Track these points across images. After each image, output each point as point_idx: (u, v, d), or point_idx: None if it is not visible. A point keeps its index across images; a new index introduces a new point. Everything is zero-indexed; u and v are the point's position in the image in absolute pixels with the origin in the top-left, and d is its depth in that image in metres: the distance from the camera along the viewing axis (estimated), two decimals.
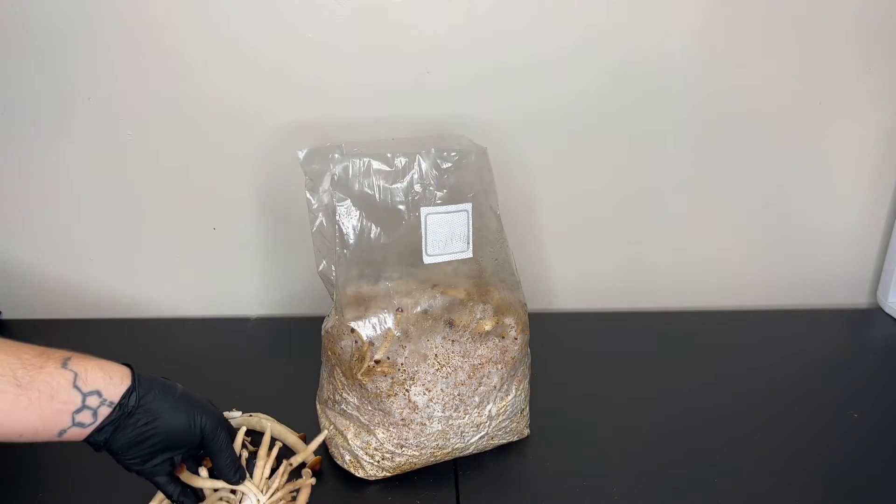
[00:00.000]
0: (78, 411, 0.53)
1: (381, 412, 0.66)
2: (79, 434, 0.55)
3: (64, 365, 0.53)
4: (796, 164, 0.99)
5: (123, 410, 0.55)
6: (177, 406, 0.58)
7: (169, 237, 0.97)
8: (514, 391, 0.71)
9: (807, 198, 1.01)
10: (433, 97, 0.91)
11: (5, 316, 0.99)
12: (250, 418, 0.75)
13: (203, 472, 0.63)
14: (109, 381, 0.55)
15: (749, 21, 0.90)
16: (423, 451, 0.68)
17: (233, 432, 0.63)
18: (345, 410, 0.68)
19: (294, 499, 0.65)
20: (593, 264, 1.03)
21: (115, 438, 0.56)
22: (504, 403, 0.70)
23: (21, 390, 0.51)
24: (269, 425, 0.74)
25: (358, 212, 0.65)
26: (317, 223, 0.67)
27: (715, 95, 0.93)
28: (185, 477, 0.62)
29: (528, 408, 0.74)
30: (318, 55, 0.87)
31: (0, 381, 0.50)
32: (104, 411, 0.55)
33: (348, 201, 0.64)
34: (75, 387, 0.53)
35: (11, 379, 0.51)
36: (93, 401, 0.54)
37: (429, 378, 0.66)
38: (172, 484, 0.61)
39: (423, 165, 0.66)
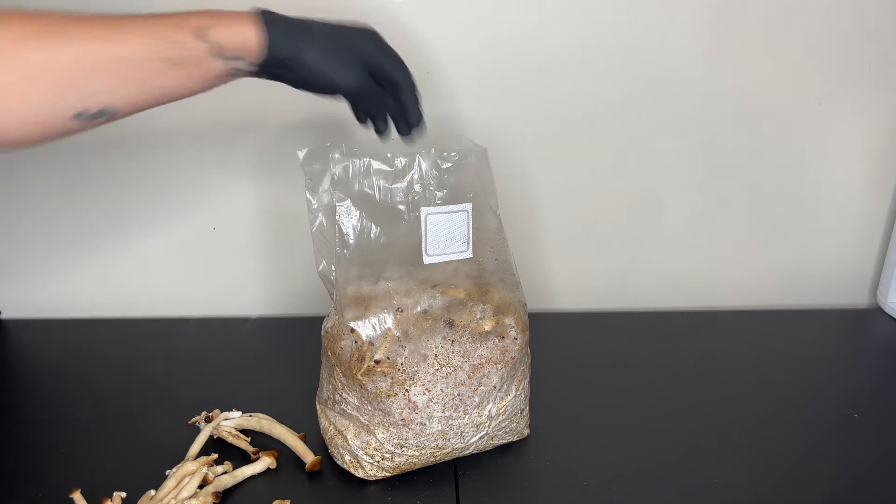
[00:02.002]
0: (229, 74, 0.58)
1: (380, 412, 0.66)
2: (240, 76, 0.59)
3: (202, 39, 0.55)
4: (796, 164, 0.99)
5: (262, 71, 0.58)
6: (313, 67, 0.59)
7: (169, 237, 0.97)
8: (514, 391, 0.71)
9: (807, 198, 1.01)
10: (433, 97, 0.91)
11: (5, 316, 0.99)
12: (250, 418, 0.75)
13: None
14: (245, 44, 0.57)
15: (749, 21, 0.90)
16: (422, 451, 0.68)
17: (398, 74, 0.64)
18: (345, 410, 0.68)
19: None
20: (593, 264, 1.03)
21: (272, 77, 0.60)
22: (504, 403, 0.70)
23: (177, 69, 0.55)
24: (266, 423, 0.74)
25: (358, 212, 0.65)
26: (317, 223, 0.67)
27: (715, 95, 0.93)
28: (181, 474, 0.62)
29: (528, 408, 0.74)
30: None
31: (156, 63, 0.54)
32: (251, 69, 0.58)
33: (348, 201, 0.64)
34: (219, 56, 0.56)
35: (165, 61, 0.54)
36: (240, 63, 0.57)
37: (429, 378, 0.66)
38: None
39: (423, 165, 0.66)
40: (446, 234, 0.66)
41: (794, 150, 0.98)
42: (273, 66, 0.58)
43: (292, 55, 0.58)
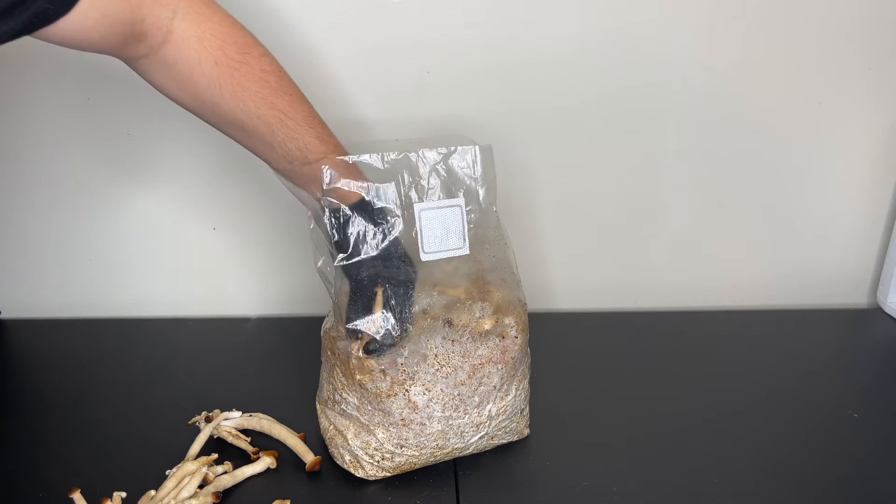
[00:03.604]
0: (318, 199, 0.65)
1: (380, 412, 0.66)
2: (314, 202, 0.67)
3: (328, 181, 0.63)
4: (796, 164, 0.99)
5: (335, 225, 0.65)
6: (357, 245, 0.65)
7: (169, 237, 0.97)
8: (513, 391, 0.71)
9: (806, 198, 1.01)
10: (433, 97, 0.91)
11: (5, 315, 0.99)
12: (250, 418, 0.75)
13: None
14: (339, 203, 0.64)
15: (749, 21, 0.90)
16: (422, 451, 0.68)
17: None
18: (345, 410, 0.68)
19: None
20: (593, 264, 1.03)
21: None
22: (504, 403, 0.70)
23: (291, 168, 0.65)
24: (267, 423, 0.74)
25: (351, 213, 0.65)
26: (313, 221, 0.67)
27: (715, 95, 0.93)
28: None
29: (527, 408, 0.74)
30: (318, 55, 0.87)
31: (280, 157, 0.65)
32: (322, 211, 0.65)
33: (340, 203, 0.64)
34: (325, 193, 0.64)
35: (287, 161, 0.65)
36: (316, 204, 0.65)
37: (429, 378, 0.66)
38: None
39: (415, 163, 0.66)
40: (441, 230, 0.66)
41: (794, 150, 0.98)
42: (345, 232, 0.65)
43: (352, 227, 0.64)
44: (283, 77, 0.65)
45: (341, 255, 0.64)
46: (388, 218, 0.65)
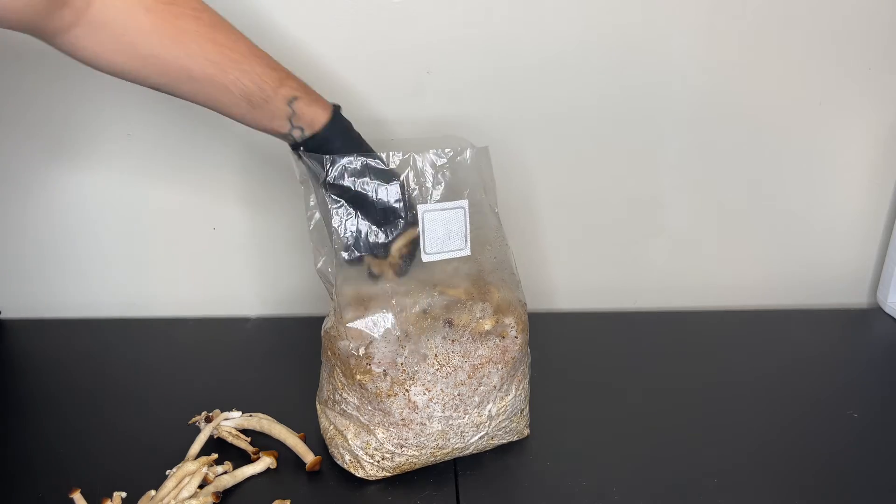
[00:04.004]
0: (285, 134, 0.65)
1: (381, 412, 0.66)
2: (282, 139, 0.67)
3: (289, 104, 0.63)
4: (796, 165, 0.99)
5: (311, 147, 0.65)
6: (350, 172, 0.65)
7: (169, 237, 0.97)
8: (514, 391, 0.71)
9: (807, 198, 1.01)
10: (433, 97, 0.91)
11: (5, 315, 0.99)
12: (250, 418, 0.75)
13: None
14: (313, 124, 0.65)
15: (749, 21, 0.90)
16: (423, 451, 0.68)
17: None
18: (345, 410, 0.68)
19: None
20: (593, 264, 1.03)
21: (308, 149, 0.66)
22: (504, 403, 0.70)
23: (251, 107, 0.63)
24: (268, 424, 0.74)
25: (354, 212, 0.65)
26: (313, 221, 0.67)
27: (715, 95, 0.93)
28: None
29: (527, 408, 0.74)
30: (318, 55, 0.87)
31: (237, 97, 0.62)
32: (300, 139, 0.65)
33: (343, 202, 0.64)
34: (289, 120, 0.64)
35: (247, 100, 0.63)
36: (297, 133, 0.65)
37: (429, 378, 0.66)
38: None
39: (419, 164, 0.66)
40: (443, 232, 0.66)
41: (794, 150, 0.98)
42: (314, 144, 0.65)
43: (332, 144, 0.66)
44: (214, 13, 0.63)
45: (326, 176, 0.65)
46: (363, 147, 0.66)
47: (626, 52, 0.90)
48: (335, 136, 0.66)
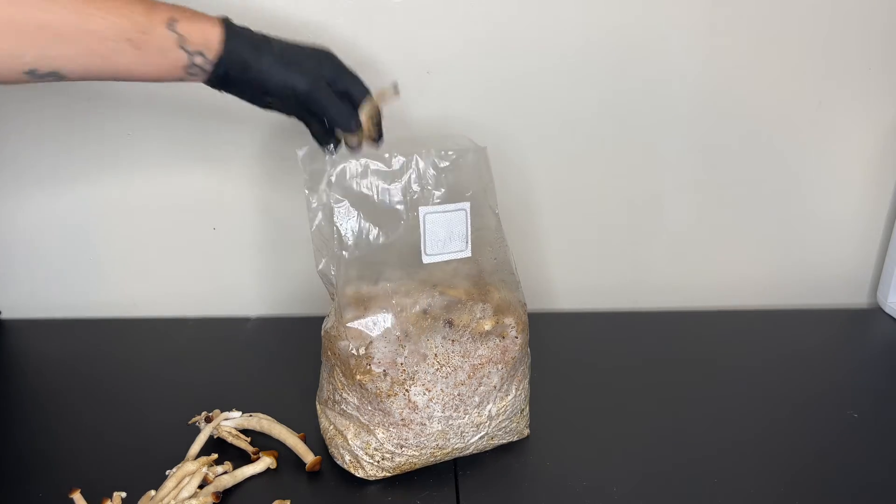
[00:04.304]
0: (188, 67, 0.60)
1: (380, 412, 0.66)
2: (197, 80, 0.62)
3: (170, 27, 0.59)
4: (796, 164, 0.99)
5: (219, 71, 0.61)
6: (266, 71, 0.62)
7: (169, 237, 0.97)
8: (514, 391, 0.71)
9: (807, 198, 1.01)
10: (433, 97, 0.91)
11: (5, 316, 0.99)
12: (250, 418, 0.75)
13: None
14: (207, 44, 0.60)
15: (749, 21, 0.90)
16: (422, 451, 0.68)
17: (340, 75, 0.65)
18: (345, 410, 0.68)
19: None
20: (593, 264, 1.03)
21: (228, 85, 0.63)
22: (504, 403, 0.70)
23: (137, 51, 0.58)
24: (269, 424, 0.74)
25: (356, 212, 0.65)
26: (316, 222, 0.67)
27: (715, 95, 0.93)
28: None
29: (528, 408, 0.74)
30: None
31: (117, 41, 0.57)
32: (208, 67, 0.61)
33: (346, 202, 0.65)
34: (182, 48, 0.59)
35: (127, 42, 0.57)
36: (199, 60, 0.60)
37: (429, 378, 0.66)
38: (319, 128, 0.66)
39: (421, 165, 0.66)
40: (445, 234, 0.66)
41: (794, 150, 0.98)
42: (230, 67, 0.61)
43: (249, 58, 0.62)
44: None
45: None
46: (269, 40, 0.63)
47: (626, 53, 0.90)
48: (244, 50, 0.62)
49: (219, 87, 0.64)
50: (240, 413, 0.76)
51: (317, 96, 0.64)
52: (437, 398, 0.67)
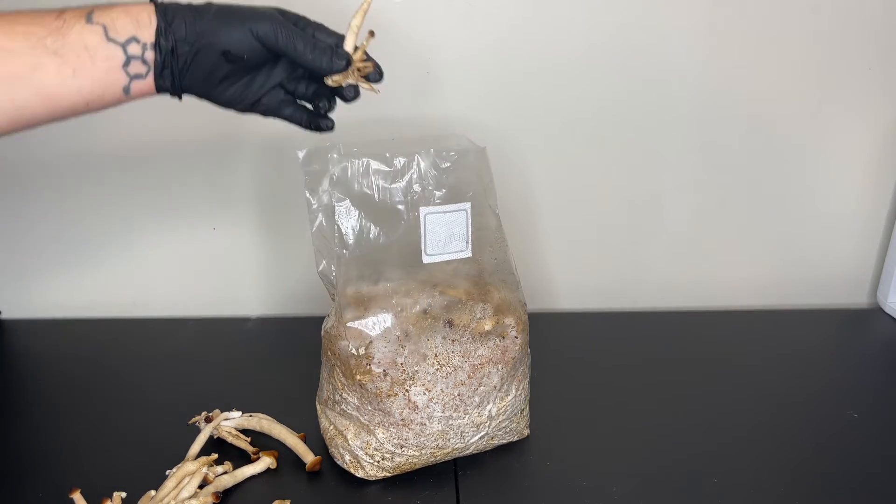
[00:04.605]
0: (127, 64, 0.51)
1: (381, 412, 0.66)
2: (145, 86, 0.53)
3: (88, 20, 0.50)
4: (796, 164, 0.99)
5: (165, 49, 0.52)
6: (215, 24, 0.53)
7: (169, 237, 0.97)
8: (514, 391, 0.71)
9: (807, 197, 1.01)
10: (433, 97, 0.91)
11: (5, 316, 0.99)
12: (250, 418, 0.75)
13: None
14: (139, 24, 0.51)
15: (750, 21, 0.90)
16: (423, 452, 0.68)
17: (300, 21, 0.58)
18: (345, 410, 0.68)
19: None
20: (593, 264, 1.03)
21: (185, 82, 0.55)
22: (504, 403, 0.70)
23: (59, 58, 0.49)
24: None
25: (357, 212, 0.65)
26: (316, 223, 0.67)
27: (715, 95, 0.93)
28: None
29: (528, 408, 0.74)
30: None
31: (33, 54, 0.48)
32: (150, 55, 0.52)
33: (347, 201, 0.64)
34: (110, 40, 0.50)
35: (43, 49, 0.48)
36: (134, 48, 0.51)
37: (429, 378, 0.66)
38: (295, 107, 0.61)
39: (422, 165, 0.66)
40: (445, 234, 0.66)
41: (794, 151, 0.98)
42: (176, 37, 0.52)
43: (192, 18, 0.53)
44: None
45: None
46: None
47: (626, 53, 0.90)
48: (184, 13, 0.53)
49: (172, 86, 0.54)
50: (240, 413, 0.76)
51: (287, 33, 0.55)
52: (437, 398, 0.67)
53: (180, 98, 0.56)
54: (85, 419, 0.78)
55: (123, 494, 0.66)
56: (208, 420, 0.74)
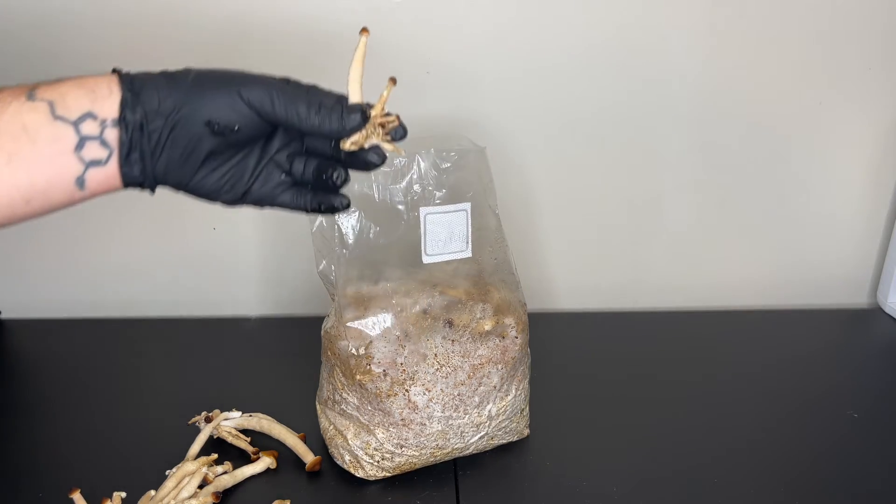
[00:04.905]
0: (80, 146, 0.41)
1: (380, 412, 0.66)
2: (106, 177, 0.42)
3: (30, 97, 0.40)
4: (796, 164, 0.99)
5: (133, 124, 0.41)
6: (196, 91, 0.43)
7: (169, 237, 0.97)
8: (513, 391, 0.71)
9: (807, 198, 1.01)
10: (433, 97, 0.91)
11: (5, 316, 0.99)
12: (250, 418, 0.75)
13: None
14: (96, 97, 0.41)
15: (750, 21, 0.90)
16: (422, 452, 0.68)
17: (291, 82, 0.47)
18: (344, 410, 0.68)
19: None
20: (593, 264, 1.03)
21: (159, 166, 0.43)
22: (504, 403, 0.70)
23: (4, 139, 0.39)
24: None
25: (357, 212, 0.65)
26: (317, 223, 0.67)
27: (715, 95, 0.93)
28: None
29: (527, 408, 0.74)
30: (318, 55, 0.87)
31: None
32: (112, 134, 0.41)
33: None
34: (57, 118, 0.40)
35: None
36: (89, 127, 0.41)
37: (428, 378, 0.66)
38: (295, 191, 0.49)
39: (423, 165, 0.66)
40: (445, 234, 0.66)
41: (794, 151, 0.98)
42: (147, 109, 0.42)
43: (167, 85, 0.43)
44: None
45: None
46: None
47: (626, 53, 0.90)
48: (156, 81, 0.43)
49: (142, 173, 0.43)
50: (240, 413, 0.75)
51: (285, 96, 0.45)
52: (437, 398, 0.67)
53: (153, 191, 0.45)
54: (85, 419, 0.78)
55: (123, 494, 0.66)
56: (208, 420, 0.74)
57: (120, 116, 0.41)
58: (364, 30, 0.49)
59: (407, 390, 0.66)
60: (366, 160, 0.49)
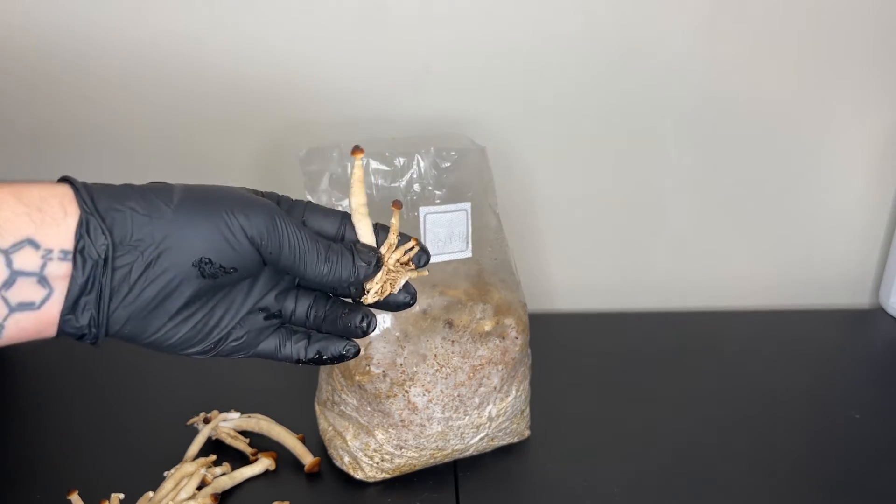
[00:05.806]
0: (7, 284, 0.31)
1: (380, 413, 0.66)
2: (35, 326, 0.32)
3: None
4: (797, 164, 0.98)
5: (92, 259, 0.32)
6: (184, 216, 0.34)
7: None
8: (514, 392, 0.71)
9: (808, 198, 1.01)
10: (433, 96, 0.90)
11: None
12: (249, 419, 0.75)
13: None
14: (43, 218, 0.32)
15: (750, 21, 0.90)
16: (422, 453, 0.68)
17: (282, 202, 0.39)
18: (344, 411, 0.68)
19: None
20: (593, 264, 1.02)
21: (118, 314, 0.34)
22: (504, 404, 0.70)
23: None
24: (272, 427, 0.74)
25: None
26: None
27: (715, 95, 0.93)
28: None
29: (528, 409, 0.74)
30: (318, 54, 0.87)
31: None
32: (59, 270, 0.32)
33: (347, 201, 0.64)
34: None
35: None
36: (26, 259, 0.30)
37: (428, 379, 0.66)
38: (283, 335, 0.40)
39: (422, 165, 0.66)
40: (445, 234, 0.66)
41: (794, 150, 0.98)
42: (113, 233, 0.33)
43: (139, 206, 0.34)
44: None
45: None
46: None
47: (626, 52, 0.90)
48: (123, 196, 0.36)
49: (90, 322, 0.34)
50: (238, 414, 0.75)
51: (287, 229, 0.37)
52: (437, 399, 0.66)
53: (96, 343, 0.36)
54: (83, 420, 0.78)
55: (121, 496, 0.65)
56: (207, 421, 0.74)
57: (76, 247, 0.32)
58: (356, 149, 0.42)
59: (406, 391, 0.65)
60: (397, 304, 0.42)
